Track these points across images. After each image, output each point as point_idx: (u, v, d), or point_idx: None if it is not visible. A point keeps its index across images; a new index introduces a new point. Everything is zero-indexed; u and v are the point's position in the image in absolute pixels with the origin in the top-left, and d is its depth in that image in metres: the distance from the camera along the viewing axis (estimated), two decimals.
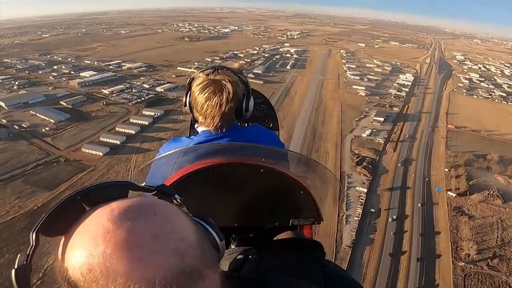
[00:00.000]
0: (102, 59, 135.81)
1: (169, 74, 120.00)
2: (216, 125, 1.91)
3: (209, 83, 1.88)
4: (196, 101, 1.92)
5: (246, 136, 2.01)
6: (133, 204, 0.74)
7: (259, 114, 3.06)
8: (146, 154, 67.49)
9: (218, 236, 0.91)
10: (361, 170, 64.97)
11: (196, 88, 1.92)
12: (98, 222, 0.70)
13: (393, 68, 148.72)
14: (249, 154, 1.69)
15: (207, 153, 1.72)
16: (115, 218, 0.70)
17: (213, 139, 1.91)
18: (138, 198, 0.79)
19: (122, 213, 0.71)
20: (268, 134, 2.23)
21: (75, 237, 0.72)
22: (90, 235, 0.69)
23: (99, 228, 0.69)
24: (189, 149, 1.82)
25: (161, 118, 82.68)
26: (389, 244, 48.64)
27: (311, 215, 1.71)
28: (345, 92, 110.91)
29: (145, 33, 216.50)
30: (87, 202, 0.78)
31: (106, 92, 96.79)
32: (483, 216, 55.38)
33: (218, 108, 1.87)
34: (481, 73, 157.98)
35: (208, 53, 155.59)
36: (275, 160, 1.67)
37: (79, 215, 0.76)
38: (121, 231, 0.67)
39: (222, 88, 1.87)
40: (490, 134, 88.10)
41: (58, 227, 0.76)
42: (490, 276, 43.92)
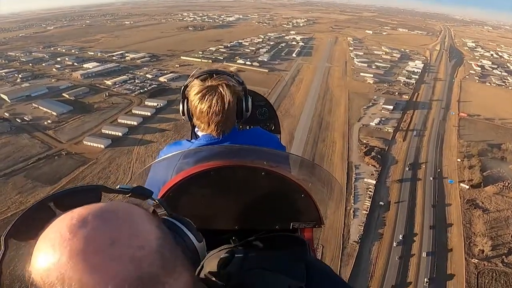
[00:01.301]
0: (106, 50, 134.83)
1: (173, 64, 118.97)
2: (218, 130, 1.93)
3: (207, 91, 1.88)
4: (197, 109, 1.91)
5: (247, 139, 2.01)
6: (94, 210, 0.74)
7: (261, 117, 3.01)
8: (148, 145, 66.57)
9: (196, 238, 0.91)
10: (370, 160, 62.98)
11: (195, 97, 1.91)
12: (57, 230, 0.71)
13: (402, 55, 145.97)
14: (250, 157, 1.71)
15: (208, 156, 1.74)
16: (73, 226, 0.69)
17: (214, 143, 1.93)
18: (102, 204, 0.78)
19: (81, 220, 0.70)
20: (268, 137, 2.26)
21: (38, 243, 0.73)
22: (49, 242, 0.70)
23: (57, 235, 0.69)
24: (190, 151, 1.82)
25: (164, 108, 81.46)
26: (398, 239, 46.70)
27: (312, 218, 1.72)
28: (353, 79, 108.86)
29: (149, 23, 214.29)
30: (61, 207, 0.79)
31: (109, 83, 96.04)
32: (498, 210, 53.02)
33: (220, 114, 1.88)
34: (493, 60, 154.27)
35: (213, 42, 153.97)
36: (276, 163, 1.68)
37: (49, 220, 0.76)
38: (77, 239, 0.67)
39: (221, 94, 1.87)
40: (504, 123, 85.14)
41: (29, 232, 0.77)
42: (505, 273, 41.89)
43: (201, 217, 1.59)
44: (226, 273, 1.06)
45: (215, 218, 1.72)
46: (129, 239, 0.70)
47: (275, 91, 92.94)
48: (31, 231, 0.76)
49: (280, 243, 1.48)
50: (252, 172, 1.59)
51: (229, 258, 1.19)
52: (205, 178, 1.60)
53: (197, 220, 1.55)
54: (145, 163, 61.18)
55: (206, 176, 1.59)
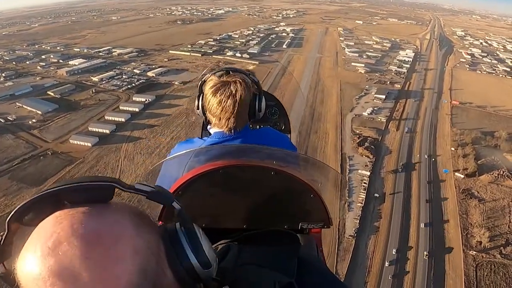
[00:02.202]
0: (92, 46, 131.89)
1: (161, 58, 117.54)
2: (230, 126, 1.95)
3: (222, 85, 1.92)
4: (210, 103, 1.94)
5: (258, 138, 2.03)
6: (78, 231, 0.69)
7: (272, 117, 3.06)
8: (137, 142, 65.12)
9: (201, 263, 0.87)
10: (363, 151, 62.10)
11: (209, 91, 1.94)
12: (47, 232, 0.70)
13: (392, 44, 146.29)
14: (261, 157, 1.72)
15: (219, 154, 1.76)
16: (49, 247, 0.67)
17: (226, 141, 1.96)
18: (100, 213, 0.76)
19: (57, 243, 0.68)
20: (279, 137, 2.28)
21: (32, 235, 0.73)
22: (37, 241, 0.70)
23: (42, 241, 0.69)
24: (201, 150, 1.85)
25: (152, 104, 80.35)
26: (395, 232, 45.84)
27: (320, 219, 1.73)
28: (344, 69, 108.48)
29: (136, 18, 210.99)
30: (69, 200, 0.77)
31: (96, 80, 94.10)
32: (494, 199, 52.41)
33: (232, 110, 1.91)
34: (483, 48, 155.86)
35: (202, 35, 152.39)
36: (287, 163, 1.69)
37: (53, 211, 0.76)
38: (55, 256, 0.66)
39: (235, 89, 1.91)
40: (496, 110, 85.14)
41: (32, 219, 0.76)
42: (504, 265, 41.20)
43: (209, 215, 1.68)
44: (221, 268, 1.03)
45: (223, 217, 1.72)
46: (102, 271, 0.67)
47: (266, 82, 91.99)
48: (34, 219, 0.76)
49: (274, 239, 1.49)
50: (262, 172, 1.59)
51: (224, 253, 1.20)
52: (214, 177, 1.60)
53: (205, 219, 1.67)
54: (133, 160, 59.85)
55: (215, 174, 1.59)
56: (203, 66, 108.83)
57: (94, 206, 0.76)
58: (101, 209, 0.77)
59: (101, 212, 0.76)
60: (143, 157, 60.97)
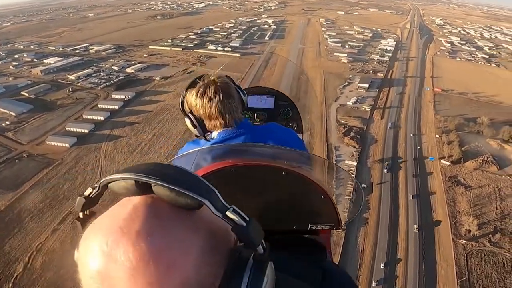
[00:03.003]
0: (68, 44, 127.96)
1: (141, 54, 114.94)
2: (229, 120, 1.96)
3: (203, 87, 1.93)
4: (204, 110, 1.95)
5: (264, 134, 2.05)
6: (154, 237, 0.64)
7: (284, 117, 3.07)
8: (117, 141, 63.22)
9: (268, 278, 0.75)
10: (349, 141, 61.64)
11: (196, 100, 1.95)
12: (115, 222, 0.67)
13: (374, 34, 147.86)
14: (272, 156, 1.71)
15: (228, 153, 1.75)
16: (120, 240, 0.64)
17: (232, 138, 1.96)
18: (173, 226, 0.68)
19: (133, 238, 0.63)
20: (285, 131, 2.27)
21: (106, 213, 0.72)
22: (103, 228, 0.68)
23: (106, 233, 0.66)
24: (210, 148, 1.84)
25: (132, 100, 78.38)
26: (384, 223, 45.53)
27: (330, 220, 1.72)
28: (327, 59, 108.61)
29: (114, 14, 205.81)
30: (159, 191, 0.70)
31: (72, 78, 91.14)
32: (480, 186, 52.77)
33: (227, 100, 1.93)
34: (461, 36, 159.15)
35: (182, 30, 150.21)
36: (298, 163, 1.68)
37: (136, 193, 0.72)
38: (105, 258, 0.63)
39: (217, 83, 1.94)
40: (477, 96, 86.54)
41: (120, 190, 0.74)
42: (493, 253, 41.28)
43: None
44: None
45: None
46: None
47: (249, 74, 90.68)
48: (121, 192, 0.74)
49: (299, 246, 1.44)
50: (273, 171, 1.57)
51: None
52: (224, 176, 1.57)
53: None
54: (114, 159, 57.88)
55: (225, 173, 1.57)
56: (184, 60, 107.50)
57: (176, 215, 0.70)
58: (176, 221, 0.70)
59: (174, 225, 0.69)
60: (124, 155, 59.04)
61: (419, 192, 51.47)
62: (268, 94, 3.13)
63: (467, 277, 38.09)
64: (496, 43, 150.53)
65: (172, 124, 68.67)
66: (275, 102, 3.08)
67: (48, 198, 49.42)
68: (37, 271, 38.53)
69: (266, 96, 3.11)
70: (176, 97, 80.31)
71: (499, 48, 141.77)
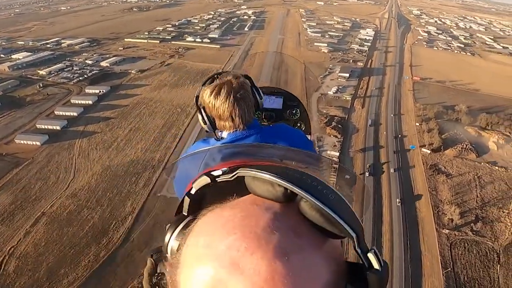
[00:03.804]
0: (39, 38, 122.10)
1: (116, 47, 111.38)
2: (242, 121, 1.96)
3: (219, 87, 1.93)
4: (216, 108, 1.95)
5: (273, 134, 2.09)
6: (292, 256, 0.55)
7: (293, 117, 3.07)
8: (92, 137, 60.70)
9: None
10: (331, 131, 61.16)
11: (209, 98, 1.95)
12: (253, 233, 0.57)
13: (353, 24, 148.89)
14: (279, 157, 1.75)
15: (236, 153, 1.61)
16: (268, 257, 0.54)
17: (241, 139, 1.98)
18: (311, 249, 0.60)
19: (270, 260, 0.54)
20: (295, 132, 2.33)
21: (234, 211, 0.64)
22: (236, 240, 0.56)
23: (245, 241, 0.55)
24: (219, 148, 1.75)
25: (107, 95, 75.71)
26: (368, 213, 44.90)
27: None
28: (307, 49, 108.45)
29: (88, 7, 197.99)
30: (302, 206, 0.62)
31: (43, 73, 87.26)
32: (460, 174, 53.30)
33: (241, 103, 1.93)
34: (437, 26, 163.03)
35: (160, 22, 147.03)
36: (306, 164, 1.67)
37: (281, 201, 0.64)
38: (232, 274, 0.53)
39: (233, 84, 1.93)
40: (454, 85, 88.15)
41: (256, 191, 0.67)
42: (476, 242, 41.61)
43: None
44: None
45: None
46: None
47: (228, 67, 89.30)
48: (257, 193, 0.66)
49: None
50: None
51: None
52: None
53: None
54: (88, 157, 55.45)
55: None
56: (162, 53, 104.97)
57: (316, 239, 0.61)
58: (317, 250, 0.61)
59: (314, 254, 0.60)
60: (100, 152, 56.63)
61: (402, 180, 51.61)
62: (277, 94, 3.03)
63: (451, 268, 38.20)
64: (471, 33, 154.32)
65: (150, 118, 66.48)
66: (283, 102, 3.01)
67: (18, 200, 46.94)
68: (11, 276, 36.65)
69: (274, 96, 3.01)
70: (153, 90, 78.01)
71: (473, 37, 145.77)
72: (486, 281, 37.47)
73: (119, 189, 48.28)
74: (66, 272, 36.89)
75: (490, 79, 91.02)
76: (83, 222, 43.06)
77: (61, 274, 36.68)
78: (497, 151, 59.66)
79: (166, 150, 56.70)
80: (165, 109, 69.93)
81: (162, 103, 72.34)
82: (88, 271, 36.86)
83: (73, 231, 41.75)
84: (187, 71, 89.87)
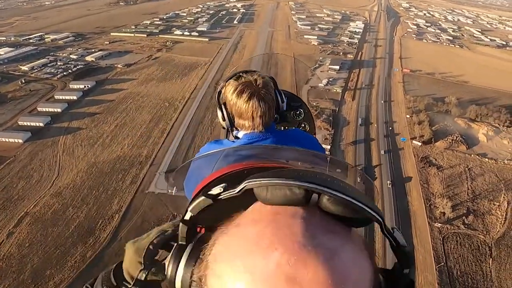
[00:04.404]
0: (21, 33, 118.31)
1: (102, 42, 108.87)
2: (262, 122, 1.94)
3: (244, 86, 1.91)
4: (238, 107, 1.93)
5: (289, 139, 2.07)
6: (339, 260, 0.55)
7: (296, 118, 3.00)
8: (76, 133, 59.13)
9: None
10: (322, 123, 60.29)
11: (232, 96, 1.93)
12: (295, 241, 0.54)
13: (343, 16, 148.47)
14: (288, 158, 1.68)
15: (246, 155, 1.71)
16: (321, 261, 0.53)
17: (256, 141, 1.94)
18: (350, 249, 0.59)
19: (319, 268, 0.52)
20: (308, 138, 2.31)
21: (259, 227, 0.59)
22: (282, 254, 0.53)
23: (293, 253, 0.53)
24: (230, 150, 1.77)
25: (93, 90, 73.99)
26: None
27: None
28: (297, 42, 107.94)
29: (73, 2, 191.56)
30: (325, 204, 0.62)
31: (25, 69, 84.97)
32: (451, 166, 53.30)
33: (262, 106, 1.90)
34: (426, 18, 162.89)
35: (147, 15, 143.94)
36: (313, 164, 1.65)
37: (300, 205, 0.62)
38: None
39: (259, 86, 1.91)
40: (444, 77, 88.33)
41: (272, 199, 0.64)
42: (468, 236, 41.62)
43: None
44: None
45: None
46: None
47: (217, 60, 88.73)
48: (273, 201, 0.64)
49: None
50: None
51: None
52: (238, 178, 1.38)
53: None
54: (73, 154, 53.90)
55: (239, 176, 1.41)
56: (149, 46, 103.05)
57: (348, 232, 0.62)
58: (354, 242, 0.61)
59: (354, 246, 0.60)
60: (85, 149, 55.09)
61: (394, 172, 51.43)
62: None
63: (444, 262, 38.08)
64: (459, 25, 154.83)
65: (137, 113, 64.93)
66: (287, 104, 2.72)
67: (0, 200, 45.39)
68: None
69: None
70: (140, 85, 76.25)
71: (461, 30, 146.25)
72: (478, 275, 37.51)
73: (105, 186, 47.06)
74: (52, 273, 35.89)
75: (478, 71, 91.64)
76: (69, 221, 41.86)
77: (47, 276, 35.70)
78: (487, 143, 59.87)
79: (154, 146, 55.47)
80: (152, 104, 68.51)
81: (150, 98, 70.89)
82: (75, 272, 35.87)
83: (58, 231, 40.57)
84: (175, 64, 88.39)
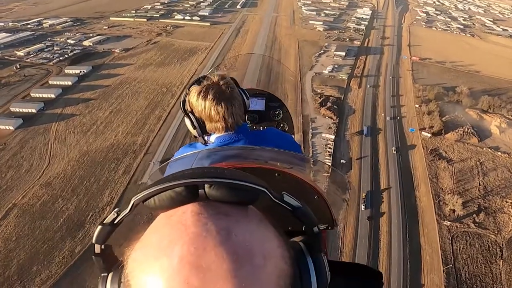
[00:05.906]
0: (19, 19, 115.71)
1: (100, 26, 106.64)
2: (231, 123, 1.93)
3: (207, 88, 1.88)
4: (206, 111, 1.89)
5: (262, 139, 2.06)
6: (239, 233, 0.59)
7: (275, 118, 3.09)
8: (69, 120, 57.35)
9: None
10: (326, 112, 58.04)
11: (198, 100, 1.90)
12: (188, 229, 0.58)
13: (349, 2, 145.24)
14: (265, 158, 1.69)
15: (224, 156, 1.72)
16: (207, 243, 0.56)
17: (230, 143, 1.94)
18: (249, 222, 0.64)
19: (219, 239, 0.57)
20: (283, 137, 2.31)
21: (165, 226, 0.62)
22: (174, 239, 0.58)
23: (183, 241, 0.56)
24: (208, 151, 1.79)
25: (88, 75, 71.82)
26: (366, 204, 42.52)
27: (325, 221, 1.69)
28: (302, 28, 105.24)
29: None
30: (211, 193, 0.65)
31: (21, 54, 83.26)
32: (462, 159, 50.79)
33: (230, 103, 1.89)
34: (436, 7, 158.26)
35: (148, 0, 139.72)
36: (291, 165, 1.65)
37: (185, 201, 0.65)
38: (197, 267, 0.54)
39: (221, 87, 1.89)
40: (455, 66, 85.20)
41: (162, 204, 0.66)
42: (478, 235, 39.35)
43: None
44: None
45: None
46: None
47: (218, 45, 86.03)
48: (164, 205, 0.66)
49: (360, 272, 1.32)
50: (266, 174, 1.52)
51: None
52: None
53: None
54: (65, 141, 51.90)
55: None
56: (149, 31, 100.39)
57: (240, 211, 0.65)
58: (249, 217, 0.65)
59: (249, 221, 0.65)
60: (77, 136, 53.09)
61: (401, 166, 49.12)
62: (259, 95, 3.02)
63: (452, 263, 35.94)
64: (470, 14, 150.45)
65: (132, 99, 62.73)
66: (265, 104, 2.99)
67: None
68: None
69: (256, 98, 2.99)
70: (137, 70, 73.69)
71: (472, 19, 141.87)
72: (488, 278, 35.36)
73: (97, 176, 45.14)
74: (38, 269, 34.36)
75: (491, 61, 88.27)
76: (58, 214, 40.13)
77: (34, 272, 34.16)
78: (500, 136, 57.07)
79: (149, 133, 53.41)
80: (149, 89, 66.27)
81: (147, 83, 68.61)
82: (63, 268, 34.33)
83: (47, 224, 38.86)
84: (174, 49, 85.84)
